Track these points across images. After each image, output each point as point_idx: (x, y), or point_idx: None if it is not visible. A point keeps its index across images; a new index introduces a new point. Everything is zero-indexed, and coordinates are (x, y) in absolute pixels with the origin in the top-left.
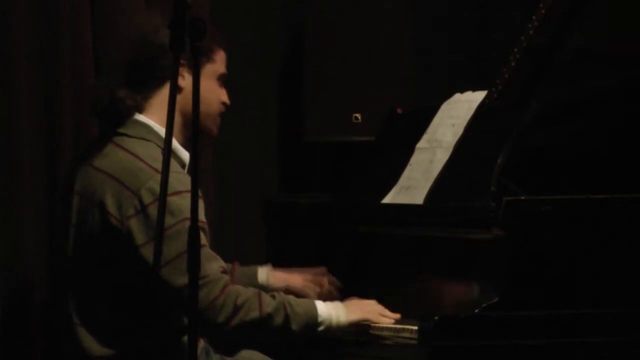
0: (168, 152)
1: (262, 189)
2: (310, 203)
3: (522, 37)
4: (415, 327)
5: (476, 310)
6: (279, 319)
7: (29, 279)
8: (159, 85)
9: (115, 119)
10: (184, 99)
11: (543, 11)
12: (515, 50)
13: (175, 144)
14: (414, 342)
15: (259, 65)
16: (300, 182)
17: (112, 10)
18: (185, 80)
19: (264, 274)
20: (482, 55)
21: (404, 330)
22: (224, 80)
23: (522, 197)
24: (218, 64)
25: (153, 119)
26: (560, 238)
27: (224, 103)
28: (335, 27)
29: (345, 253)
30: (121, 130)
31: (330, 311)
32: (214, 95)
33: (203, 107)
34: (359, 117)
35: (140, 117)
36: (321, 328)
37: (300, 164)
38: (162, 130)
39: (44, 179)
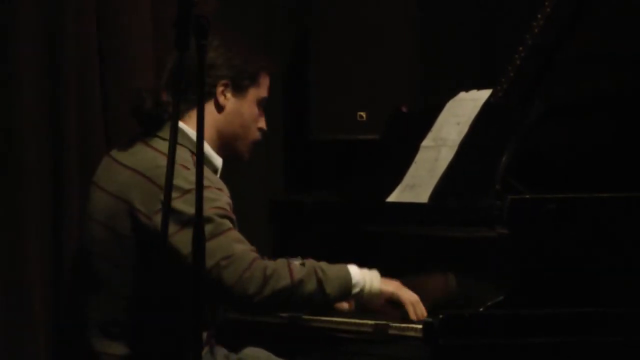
0: (173, 148)
1: (268, 187)
2: (315, 201)
3: (528, 35)
4: (420, 326)
5: (481, 309)
6: (311, 285)
7: (33, 281)
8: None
9: (155, 122)
10: (224, 118)
11: (549, 10)
12: (521, 48)
13: (209, 149)
14: (418, 340)
15: None
16: (306, 181)
17: (118, 10)
18: (228, 100)
19: None
20: (487, 54)
21: (409, 328)
22: (264, 105)
23: (527, 196)
24: (262, 88)
25: (191, 127)
26: (565, 236)
27: (260, 129)
28: (341, 26)
29: (350, 252)
30: (157, 133)
31: (364, 275)
32: (254, 120)
33: (240, 130)
34: (364, 116)
35: (178, 123)
36: (355, 290)
37: (305, 163)
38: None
39: (48, 181)
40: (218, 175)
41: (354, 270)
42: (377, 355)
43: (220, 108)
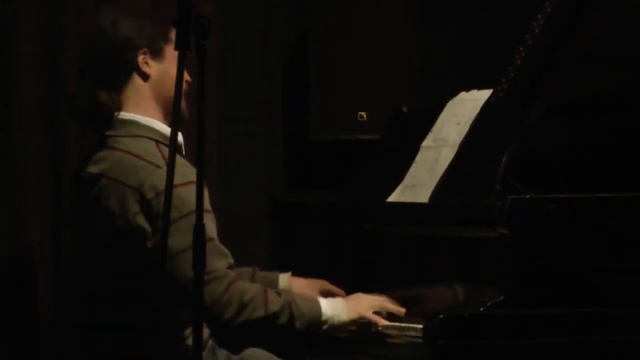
0: (173, 153)
1: (268, 187)
2: (315, 201)
3: (528, 35)
4: (421, 326)
5: (481, 309)
6: (283, 318)
7: (34, 281)
8: (130, 78)
9: (99, 122)
10: (155, 85)
11: (549, 10)
12: (521, 49)
13: (166, 129)
14: (419, 340)
15: (264, 63)
16: (306, 181)
17: (118, 6)
18: (151, 67)
19: (285, 280)
20: (488, 54)
21: (409, 329)
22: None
23: (528, 196)
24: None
25: (136, 113)
26: (565, 236)
27: (186, 82)
28: (341, 26)
29: (350, 252)
30: (110, 132)
31: (333, 309)
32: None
33: (173, 90)
34: (365, 116)
35: (124, 115)
36: (324, 327)
37: (305, 163)
38: (148, 122)
39: (48, 181)
40: (183, 153)
41: (324, 306)
42: (377, 355)
43: (146, 77)
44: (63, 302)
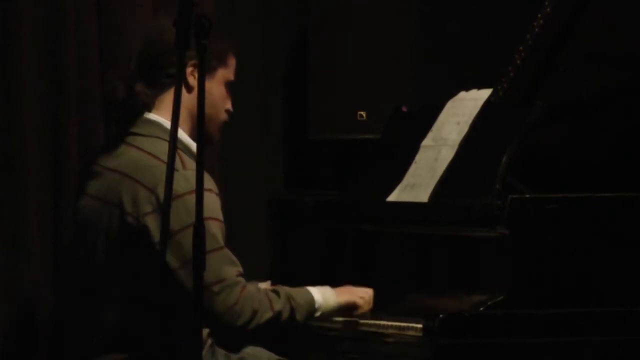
0: (173, 148)
1: (267, 186)
2: (315, 201)
3: (528, 35)
4: (420, 326)
5: (481, 309)
6: (286, 314)
7: (34, 280)
8: (171, 83)
9: (127, 115)
10: (194, 98)
11: (549, 10)
12: (521, 49)
13: (187, 138)
14: (419, 340)
15: (264, 63)
16: (305, 180)
17: (118, 6)
18: (197, 81)
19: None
20: (488, 54)
21: (409, 328)
22: (230, 88)
23: (528, 195)
24: (230, 70)
25: (164, 117)
26: (566, 236)
27: (227, 111)
28: (341, 25)
29: (349, 251)
30: (132, 129)
31: (323, 294)
32: (222, 101)
33: (211, 110)
34: (364, 115)
35: (150, 116)
36: (318, 314)
37: (305, 162)
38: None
39: (48, 181)
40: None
41: (315, 293)
42: (376, 355)
43: (190, 89)
44: (63, 302)
